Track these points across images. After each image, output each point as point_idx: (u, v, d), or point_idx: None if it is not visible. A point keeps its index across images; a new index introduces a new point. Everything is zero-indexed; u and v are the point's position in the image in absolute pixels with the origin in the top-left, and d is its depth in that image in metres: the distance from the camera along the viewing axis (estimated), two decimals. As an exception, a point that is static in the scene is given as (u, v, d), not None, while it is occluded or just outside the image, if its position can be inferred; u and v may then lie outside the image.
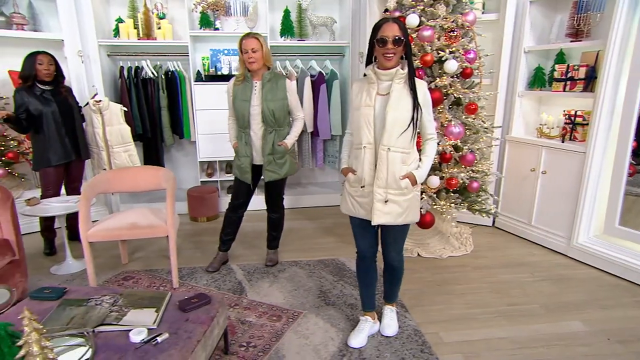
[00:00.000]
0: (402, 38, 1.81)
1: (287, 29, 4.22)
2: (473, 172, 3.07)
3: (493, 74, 3.56)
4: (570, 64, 3.24)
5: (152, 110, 4.08)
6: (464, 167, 3.04)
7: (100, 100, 3.37)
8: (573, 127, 3.28)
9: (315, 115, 4.28)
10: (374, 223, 1.95)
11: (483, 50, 3.10)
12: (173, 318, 1.76)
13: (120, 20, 3.95)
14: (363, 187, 1.96)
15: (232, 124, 2.92)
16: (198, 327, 1.71)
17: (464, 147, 3.00)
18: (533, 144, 3.47)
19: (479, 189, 3.11)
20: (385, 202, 1.92)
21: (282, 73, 2.90)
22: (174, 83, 4.10)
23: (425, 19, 2.97)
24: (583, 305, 2.59)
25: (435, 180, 2.96)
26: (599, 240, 3.13)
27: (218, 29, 4.12)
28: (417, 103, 1.88)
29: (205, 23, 4.05)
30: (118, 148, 3.50)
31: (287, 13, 4.21)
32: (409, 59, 1.89)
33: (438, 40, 2.93)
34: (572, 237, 3.22)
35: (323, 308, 2.54)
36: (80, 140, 3.30)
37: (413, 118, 1.87)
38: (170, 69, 4.13)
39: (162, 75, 4.07)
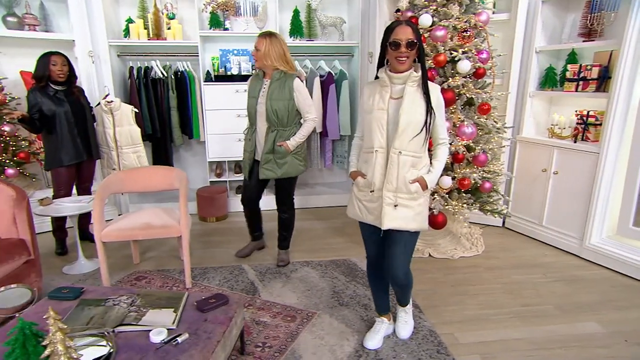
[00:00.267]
0: (415, 41, 1.77)
1: (296, 29, 4.22)
2: (485, 172, 3.06)
3: (504, 74, 3.54)
4: (583, 64, 3.23)
5: (161, 111, 4.09)
6: (477, 167, 3.03)
7: (112, 101, 3.39)
8: (585, 127, 3.26)
9: (324, 116, 4.28)
10: (384, 227, 1.89)
11: (495, 51, 3.09)
12: (192, 318, 1.76)
13: (130, 21, 3.96)
14: (372, 191, 1.91)
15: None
16: (217, 327, 1.71)
17: (477, 147, 2.99)
18: (544, 144, 3.46)
19: (491, 190, 3.10)
20: (395, 206, 1.87)
21: (301, 73, 2.90)
22: (184, 83, 4.10)
23: (438, 19, 2.96)
24: (597, 306, 2.58)
25: (448, 181, 2.95)
26: (612, 241, 3.12)
27: (228, 29, 4.12)
28: (430, 107, 1.85)
29: (215, 23, 4.05)
30: (127, 149, 3.52)
31: (296, 13, 4.20)
32: (422, 62, 1.85)
33: (451, 41, 2.92)
34: (584, 237, 3.20)
35: (337, 308, 2.54)
36: (92, 141, 3.31)
37: (426, 122, 1.84)
38: (180, 69, 4.14)
39: (171, 76, 4.07)
